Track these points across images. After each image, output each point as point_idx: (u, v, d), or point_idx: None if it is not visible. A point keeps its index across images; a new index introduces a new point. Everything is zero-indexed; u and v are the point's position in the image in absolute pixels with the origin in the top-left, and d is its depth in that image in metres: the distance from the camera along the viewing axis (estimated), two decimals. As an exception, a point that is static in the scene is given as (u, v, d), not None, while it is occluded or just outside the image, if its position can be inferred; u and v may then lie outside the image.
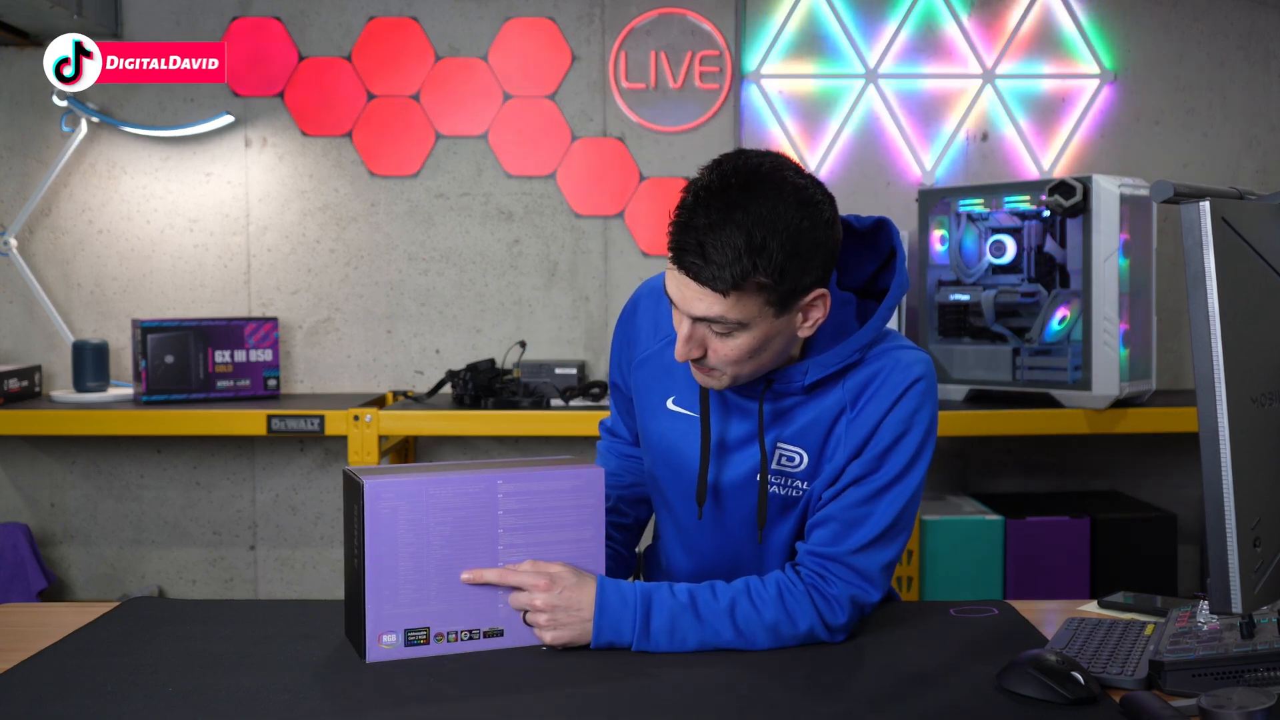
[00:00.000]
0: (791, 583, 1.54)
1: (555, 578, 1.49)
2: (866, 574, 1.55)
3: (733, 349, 1.48)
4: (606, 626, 1.49)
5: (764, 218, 1.41)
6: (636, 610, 1.49)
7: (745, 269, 1.41)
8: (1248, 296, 1.22)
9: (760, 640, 1.51)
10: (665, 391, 1.68)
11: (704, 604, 1.51)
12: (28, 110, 3.36)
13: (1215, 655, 1.34)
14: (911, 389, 1.55)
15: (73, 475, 3.44)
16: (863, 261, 1.65)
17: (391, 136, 3.38)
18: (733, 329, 1.46)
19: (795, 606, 1.52)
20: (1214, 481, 1.17)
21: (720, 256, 1.41)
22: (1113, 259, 2.86)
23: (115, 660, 1.47)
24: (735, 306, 1.44)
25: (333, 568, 3.46)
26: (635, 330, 1.75)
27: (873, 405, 1.55)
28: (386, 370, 3.44)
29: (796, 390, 1.57)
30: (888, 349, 1.58)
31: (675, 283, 1.47)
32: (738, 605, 1.52)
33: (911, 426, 1.55)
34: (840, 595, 1.53)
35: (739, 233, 1.40)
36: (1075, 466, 3.51)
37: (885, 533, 1.56)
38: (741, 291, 1.43)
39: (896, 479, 1.56)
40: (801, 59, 3.42)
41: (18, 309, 3.40)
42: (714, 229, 1.41)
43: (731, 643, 1.51)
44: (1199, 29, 3.45)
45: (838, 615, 1.53)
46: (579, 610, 1.49)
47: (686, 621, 1.50)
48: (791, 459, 1.59)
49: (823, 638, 1.54)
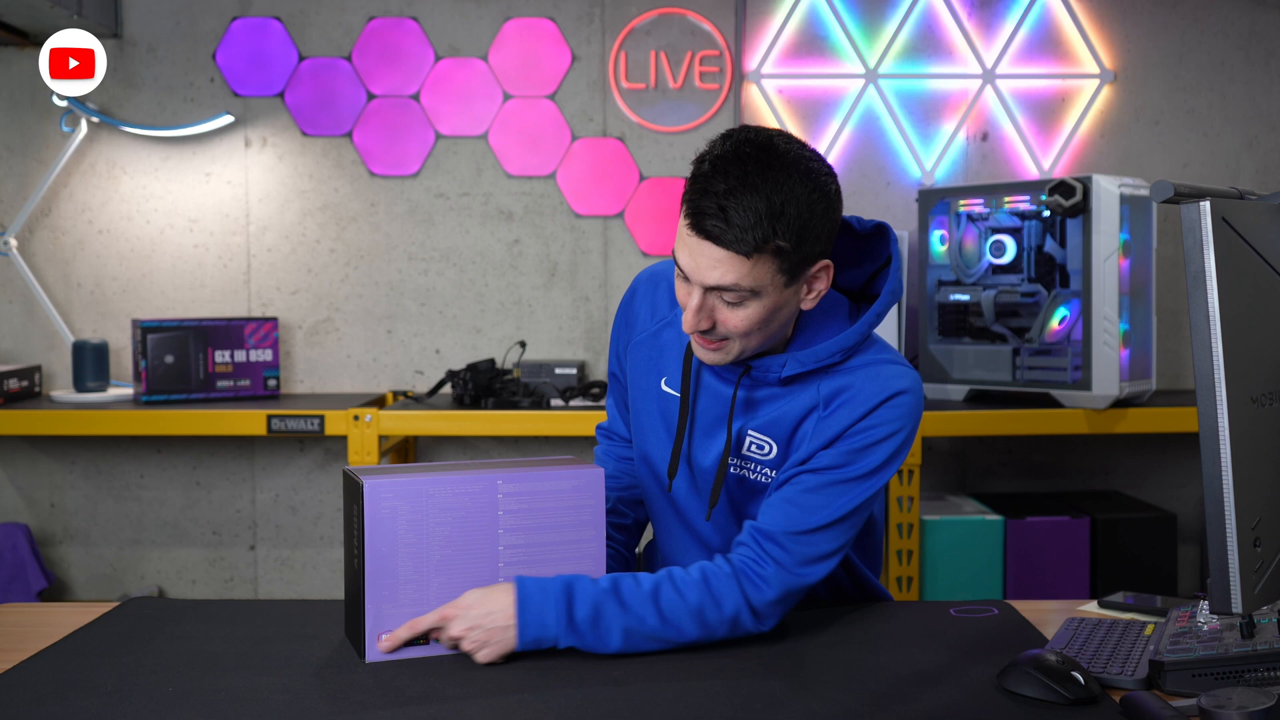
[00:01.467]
0: (717, 567, 1.52)
1: (458, 603, 1.45)
2: (805, 558, 1.53)
3: (743, 319, 1.49)
4: (531, 622, 1.44)
5: (781, 185, 1.43)
6: (559, 600, 1.45)
7: (766, 233, 1.43)
8: (1248, 296, 1.21)
9: (686, 626, 1.48)
10: (659, 372, 1.70)
11: (627, 590, 1.48)
12: (28, 110, 3.36)
13: (1215, 655, 1.34)
14: (895, 398, 1.54)
15: (73, 475, 3.44)
16: (859, 265, 1.65)
17: (391, 136, 3.38)
18: (745, 297, 1.47)
19: (720, 589, 1.50)
20: (1214, 481, 1.17)
21: (742, 220, 1.42)
22: (1113, 259, 2.86)
23: (115, 660, 1.47)
24: (751, 273, 1.45)
25: (333, 568, 3.46)
26: (634, 315, 1.76)
27: (845, 409, 1.54)
28: (386, 370, 3.44)
29: (773, 381, 1.58)
30: (872, 361, 1.57)
31: (691, 252, 1.47)
32: (661, 590, 1.49)
33: (890, 434, 1.54)
34: (770, 575, 1.51)
35: (759, 197, 1.43)
36: (1075, 466, 3.51)
37: (833, 524, 1.54)
38: (760, 256, 1.44)
39: (859, 478, 1.54)
40: (801, 59, 3.42)
41: (18, 309, 3.40)
42: (734, 193, 1.43)
43: (656, 630, 1.47)
44: (1199, 29, 3.45)
45: (764, 593, 1.50)
46: (494, 616, 1.44)
47: (610, 609, 1.46)
48: (760, 446, 1.60)
49: (747, 624, 1.51)
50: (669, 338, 1.70)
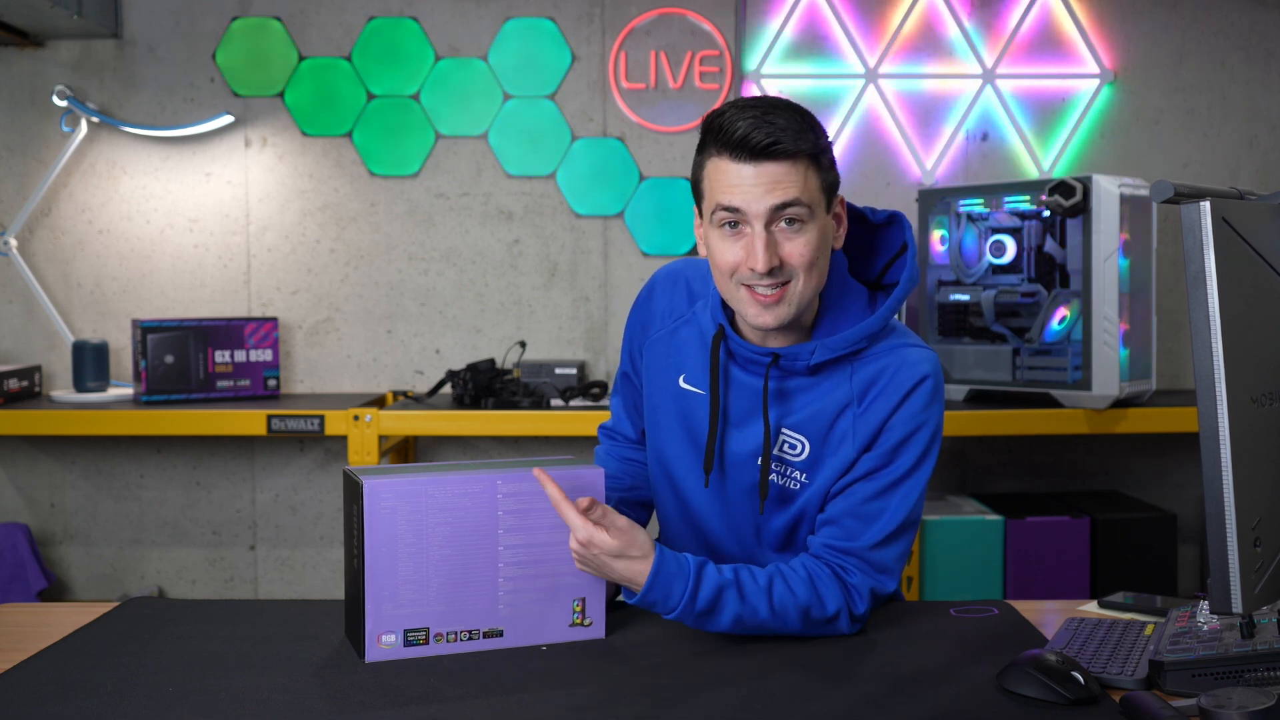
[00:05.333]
0: (818, 567, 1.56)
1: (616, 531, 1.47)
2: (883, 566, 1.58)
3: (805, 244, 1.52)
4: (658, 586, 1.48)
5: (796, 107, 1.53)
6: (689, 580, 1.49)
7: (808, 139, 1.50)
8: (1248, 296, 1.21)
9: (793, 621, 1.52)
10: (677, 369, 1.70)
11: (746, 581, 1.52)
12: (28, 110, 3.36)
13: (1215, 655, 1.34)
14: (921, 385, 1.58)
15: (73, 475, 3.44)
16: (875, 254, 1.68)
17: (391, 136, 3.38)
18: (804, 217, 1.51)
19: (825, 590, 1.54)
20: (1214, 481, 1.17)
21: (789, 124, 1.49)
22: (1113, 259, 2.86)
23: (115, 660, 1.47)
24: (804, 184, 1.51)
25: (333, 568, 3.46)
26: (651, 313, 1.76)
27: (880, 401, 1.57)
28: (386, 370, 3.44)
29: (802, 370, 1.59)
30: (895, 345, 1.60)
31: (737, 178, 1.50)
32: (774, 584, 1.53)
33: (923, 423, 1.58)
34: (860, 586, 1.56)
35: (791, 112, 1.51)
36: (1075, 466, 3.51)
37: (899, 528, 1.58)
38: (807, 165, 1.51)
39: (908, 474, 1.58)
40: (801, 59, 3.42)
41: (18, 309, 3.40)
42: (771, 111, 1.50)
43: (766, 622, 1.51)
44: (1199, 29, 3.45)
45: (858, 605, 1.56)
46: (632, 562, 1.47)
47: (730, 597, 1.50)
48: (794, 446, 1.61)
49: (843, 626, 1.56)
50: (687, 335, 1.70)
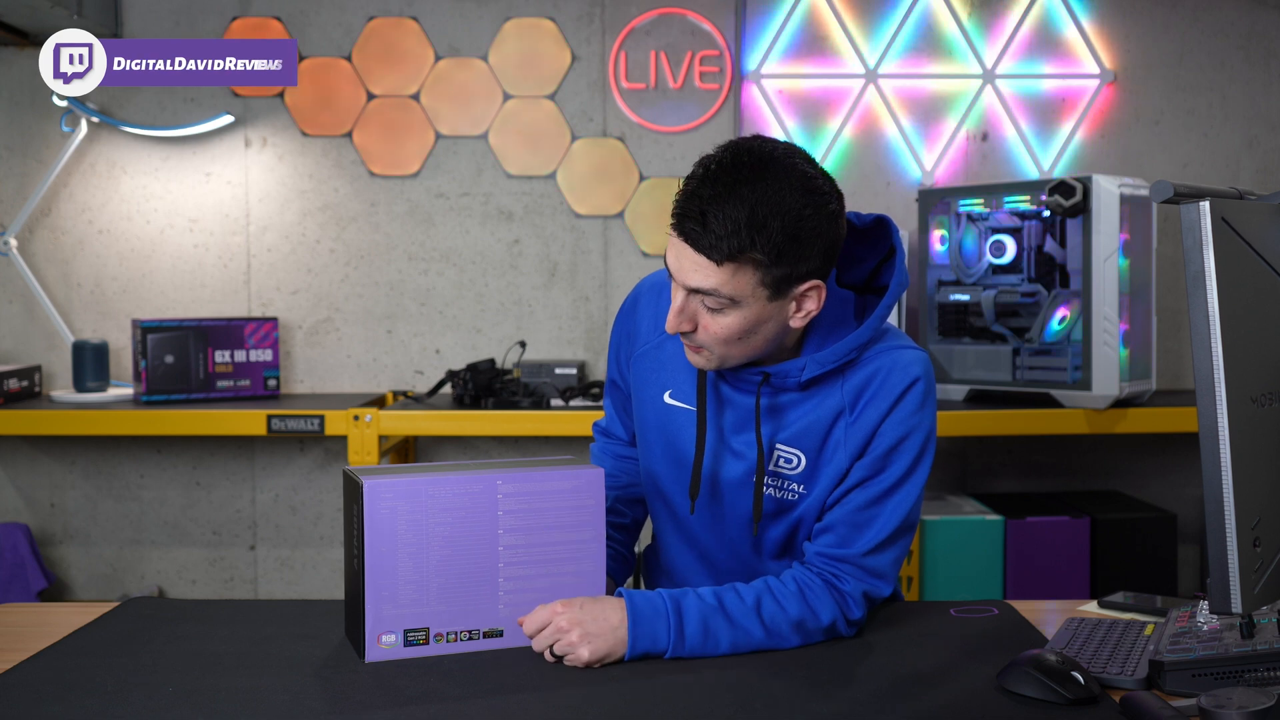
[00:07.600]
0: (809, 578, 1.55)
1: (569, 601, 1.48)
2: (878, 572, 1.57)
3: (722, 327, 1.49)
4: (642, 635, 1.47)
5: (768, 198, 1.43)
6: (669, 616, 1.48)
7: (743, 243, 1.43)
8: (1248, 296, 1.22)
9: (788, 637, 1.52)
10: (663, 384, 1.68)
11: (731, 604, 1.51)
12: (28, 110, 3.36)
13: (1215, 655, 1.34)
14: (911, 389, 1.56)
15: (73, 475, 3.44)
16: (862, 259, 1.65)
17: (391, 136, 3.38)
18: (724, 305, 1.47)
19: (816, 600, 1.53)
20: (1214, 481, 1.17)
21: (720, 227, 1.43)
22: (1113, 259, 2.86)
23: (115, 660, 1.47)
24: (729, 281, 1.45)
25: (333, 568, 3.46)
26: (635, 324, 1.75)
27: (872, 408, 1.56)
28: (386, 370, 3.44)
29: (793, 386, 1.58)
30: (885, 348, 1.58)
31: (674, 251, 1.49)
32: (763, 603, 1.52)
33: (914, 428, 1.56)
34: (854, 591, 1.55)
35: (742, 207, 1.43)
36: (1075, 466, 3.51)
37: (893, 534, 1.57)
38: (737, 265, 1.44)
39: (902, 480, 1.57)
40: (801, 59, 3.41)
41: (18, 309, 3.40)
42: (718, 200, 1.43)
43: (761, 642, 1.51)
44: (1199, 29, 3.45)
45: (853, 610, 1.55)
46: (607, 619, 1.46)
47: (718, 623, 1.49)
48: (789, 460, 1.59)
49: (843, 632, 1.56)
50: (672, 350, 1.68)
